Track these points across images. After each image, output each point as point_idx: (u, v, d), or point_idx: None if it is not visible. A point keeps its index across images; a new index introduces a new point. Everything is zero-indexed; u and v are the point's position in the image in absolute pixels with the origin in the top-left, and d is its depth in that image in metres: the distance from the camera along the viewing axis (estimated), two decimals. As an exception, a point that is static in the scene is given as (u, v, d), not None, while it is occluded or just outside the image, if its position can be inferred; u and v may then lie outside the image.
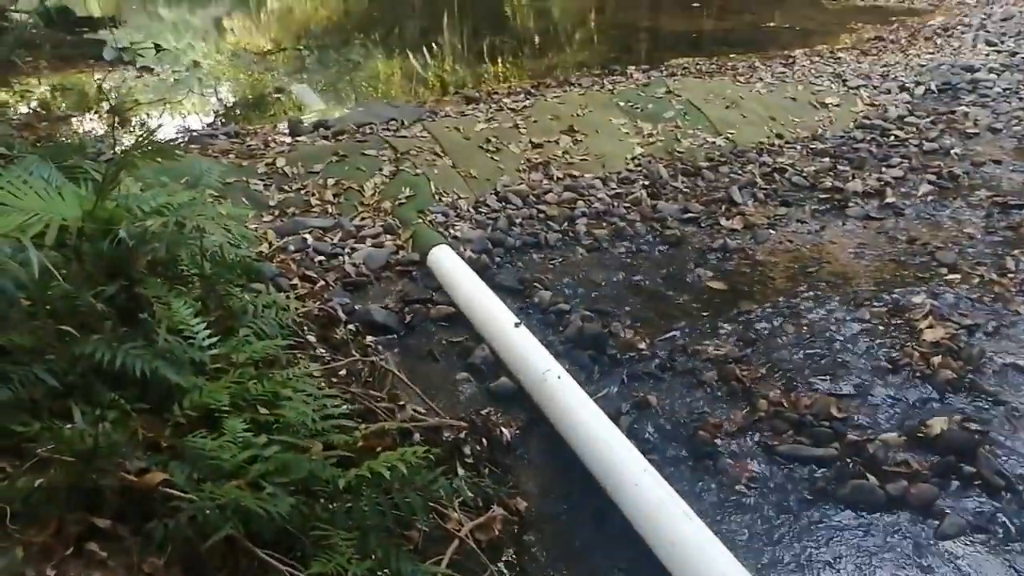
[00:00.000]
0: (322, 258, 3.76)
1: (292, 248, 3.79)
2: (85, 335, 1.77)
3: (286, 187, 4.42)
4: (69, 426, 1.58)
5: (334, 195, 4.39)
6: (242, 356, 2.10)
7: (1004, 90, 6.67)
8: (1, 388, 1.61)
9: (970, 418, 2.68)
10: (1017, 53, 7.86)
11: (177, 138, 5.49)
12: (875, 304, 3.48)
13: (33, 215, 1.90)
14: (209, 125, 6.76)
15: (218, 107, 7.83)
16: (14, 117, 5.18)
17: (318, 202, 4.30)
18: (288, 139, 5.30)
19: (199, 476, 1.64)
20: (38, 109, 5.91)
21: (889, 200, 4.58)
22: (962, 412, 2.73)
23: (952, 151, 5.36)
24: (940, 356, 3.02)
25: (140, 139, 2.31)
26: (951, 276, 3.71)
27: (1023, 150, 5.42)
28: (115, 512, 1.56)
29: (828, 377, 2.99)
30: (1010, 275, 3.68)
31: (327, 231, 4.02)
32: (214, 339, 2.08)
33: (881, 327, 3.30)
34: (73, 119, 6.13)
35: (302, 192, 4.39)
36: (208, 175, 2.94)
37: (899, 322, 3.33)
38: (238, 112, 7.62)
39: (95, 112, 6.45)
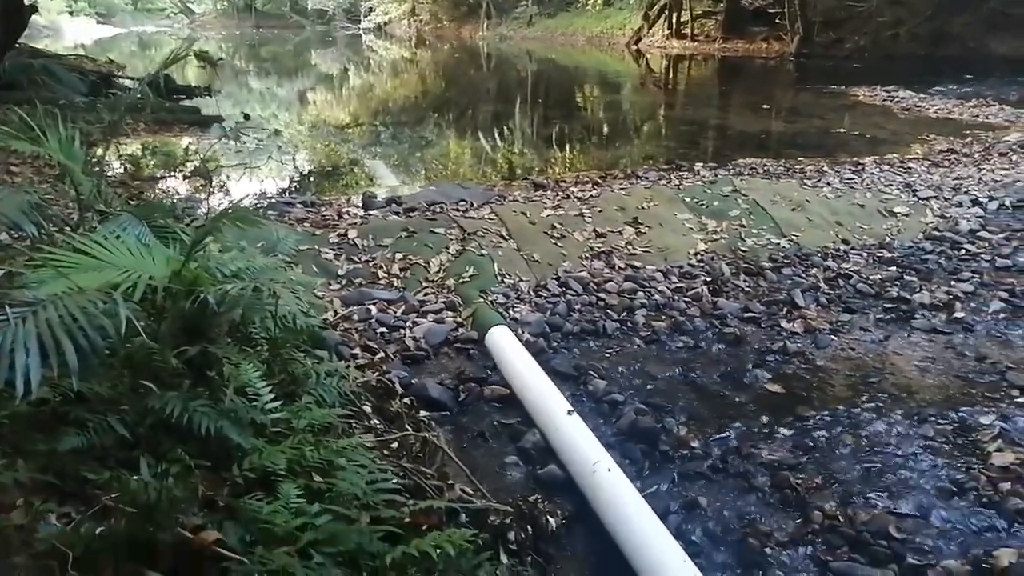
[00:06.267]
0: (384, 330, 3.85)
1: (356, 318, 3.89)
2: (161, 390, 1.85)
3: (355, 258, 4.58)
4: (136, 477, 1.65)
5: (401, 269, 4.51)
6: (302, 422, 2.15)
7: (1083, 210, 6.52)
8: (78, 435, 1.69)
9: (1041, 552, 2.54)
10: (1097, 174, 7.71)
11: (257, 204, 5.76)
12: (940, 421, 3.37)
13: (124, 272, 2.02)
14: (286, 192, 7.07)
15: (295, 175, 8.20)
16: (110, 175, 5.51)
17: (385, 275, 4.44)
18: (361, 212, 5.50)
19: (251, 539, 1.67)
20: (131, 168, 6.28)
21: (958, 315, 4.47)
22: (1032, 545, 2.59)
23: (1026, 269, 5.23)
24: (1009, 483, 2.89)
25: (229, 207, 2.45)
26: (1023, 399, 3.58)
27: (1102, 273, 5.26)
28: (168, 567, 1.59)
29: (887, 494, 2.88)
30: (1087, 403, 3.53)
31: (391, 303, 4.12)
32: (277, 403, 2.14)
33: (946, 446, 3.19)
34: (162, 179, 6.50)
35: (370, 264, 4.54)
36: (284, 242, 3.07)
37: (965, 442, 3.21)
38: (313, 180, 7.96)
39: (182, 173, 6.82)
